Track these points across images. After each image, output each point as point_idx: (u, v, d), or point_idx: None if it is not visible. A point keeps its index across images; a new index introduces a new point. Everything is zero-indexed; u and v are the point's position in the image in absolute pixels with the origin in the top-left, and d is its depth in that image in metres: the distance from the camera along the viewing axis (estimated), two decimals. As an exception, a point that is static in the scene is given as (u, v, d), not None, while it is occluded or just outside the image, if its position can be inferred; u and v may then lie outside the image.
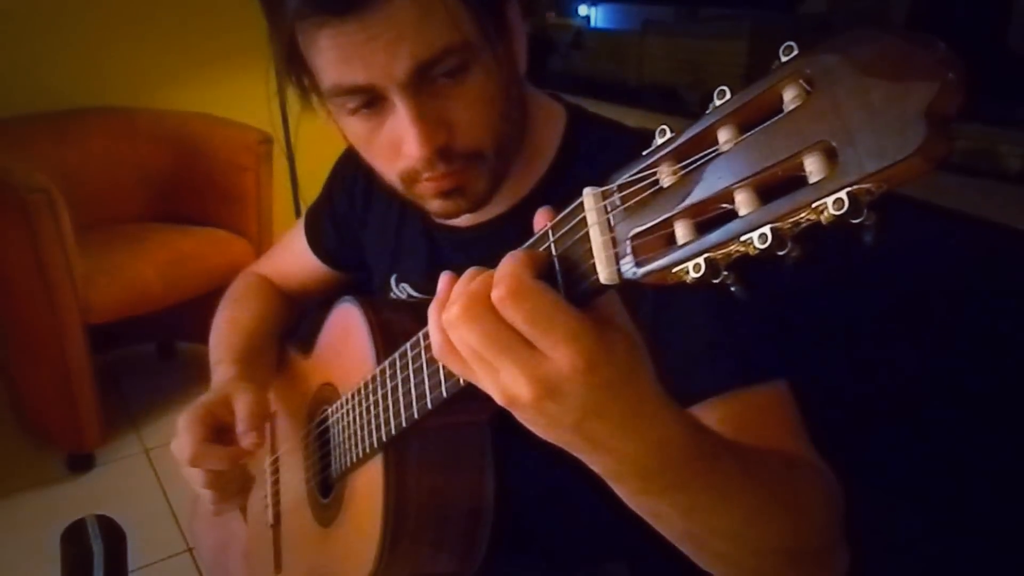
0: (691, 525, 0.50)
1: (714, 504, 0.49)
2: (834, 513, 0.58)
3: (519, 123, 0.73)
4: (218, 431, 0.82)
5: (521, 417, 0.44)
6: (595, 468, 0.46)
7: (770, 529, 0.52)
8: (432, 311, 0.46)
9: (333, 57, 0.61)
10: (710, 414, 0.60)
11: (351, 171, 0.97)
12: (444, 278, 0.46)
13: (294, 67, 0.67)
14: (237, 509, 0.95)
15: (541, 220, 0.44)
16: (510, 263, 0.41)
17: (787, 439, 0.62)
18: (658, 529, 0.51)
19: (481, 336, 0.41)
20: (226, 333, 0.99)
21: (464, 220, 0.80)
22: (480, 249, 0.47)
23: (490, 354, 0.41)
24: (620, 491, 0.48)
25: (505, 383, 0.42)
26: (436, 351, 0.46)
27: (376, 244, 0.94)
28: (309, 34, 0.62)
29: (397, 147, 0.66)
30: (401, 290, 0.88)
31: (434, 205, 0.71)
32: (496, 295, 0.40)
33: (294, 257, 1.08)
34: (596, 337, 0.40)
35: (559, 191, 0.42)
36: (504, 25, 0.68)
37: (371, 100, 0.64)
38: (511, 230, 0.47)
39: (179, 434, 0.81)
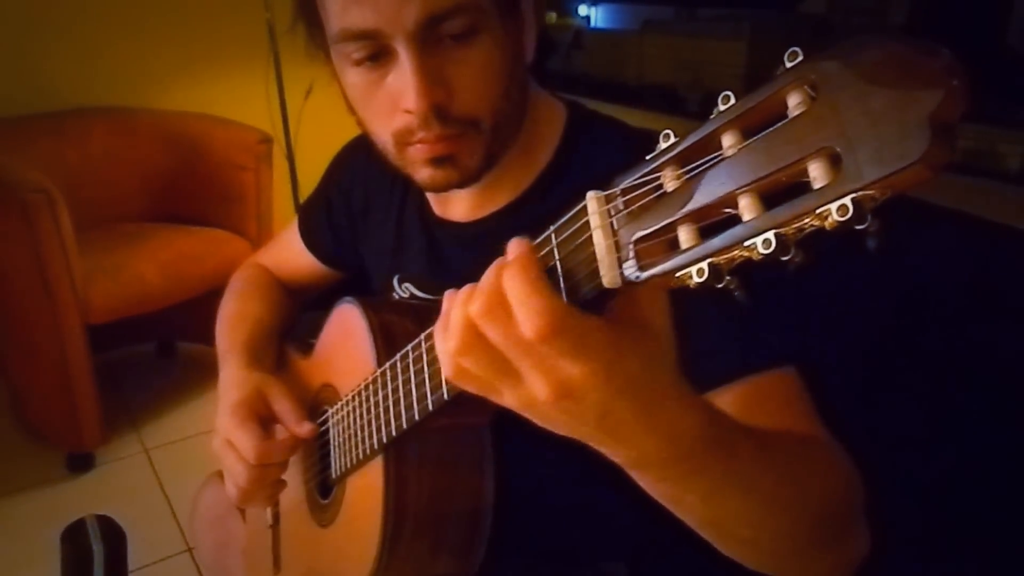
0: (713, 511, 0.50)
1: (735, 489, 0.49)
2: (852, 491, 0.57)
3: (519, 105, 0.73)
4: (262, 426, 0.83)
5: (539, 418, 0.44)
6: (615, 459, 0.46)
7: (791, 510, 0.52)
8: (438, 333, 0.46)
9: None
10: (721, 399, 0.60)
11: (347, 178, 0.97)
12: (448, 297, 0.46)
13: (306, 11, 0.67)
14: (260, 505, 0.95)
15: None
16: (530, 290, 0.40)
17: (801, 420, 0.62)
18: (680, 516, 0.51)
19: (504, 332, 0.41)
20: (233, 325, 1.00)
21: (463, 215, 0.80)
22: (480, 244, 0.47)
23: (515, 360, 0.41)
24: (640, 479, 0.48)
25: (526, 389, 0.42)
26: (449, 372, 0.45)
27: (376, 249, 0.94)
28: None
29: (395, 103, 0.66)
30: (404, 289, 0.88)
31: (423, 174, 0.70)
32: (528, 329, 0.39)
33: (291, 253, 1.08)
34: (612, 343, 0.40)
35: (558, 187, 0.42)
36: (517, 9, 0.69)
37: (376, 52, 0.64)
38: (510, 225, 0.47)
39: (232, 435, 0.81)
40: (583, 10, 3.18)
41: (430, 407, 0.59)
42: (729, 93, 0.33)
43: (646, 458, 0.45)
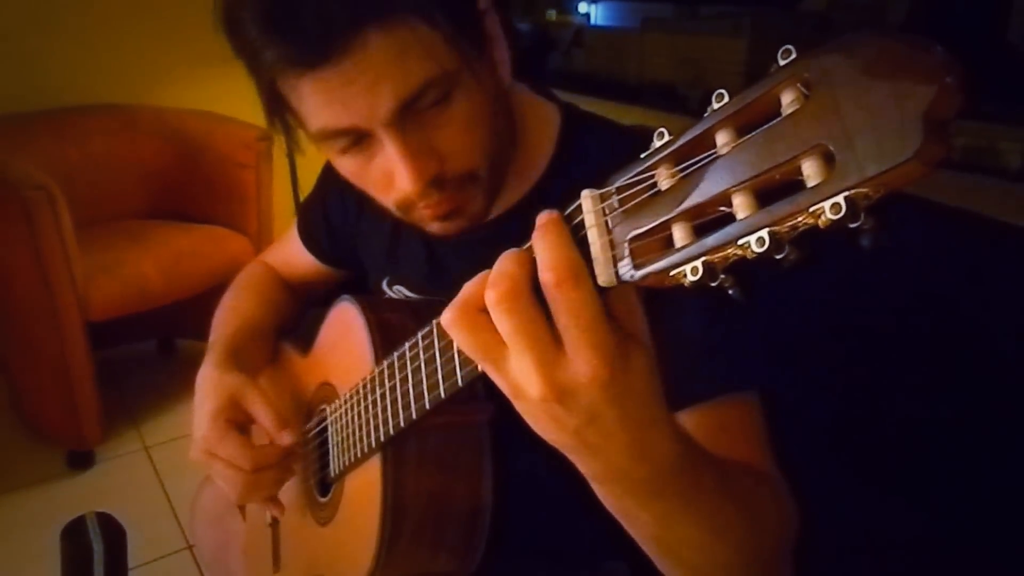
0: (664, 532, 0.51)
1: (690, 514, 0.49)
2: (789, 531, 0.59)
3: (509, 134, 0.73)
4: (242, 431, 0.82)
5: (523, 411, 0.44)
6: (581, 468, 0.46)
7: (736, 542, 0.53)
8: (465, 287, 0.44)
9: (315, 103, 0.61)
10: (684, 420, 0.61)
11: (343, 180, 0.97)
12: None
13: (278, 111, 0.66)
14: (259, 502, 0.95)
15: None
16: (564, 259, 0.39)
17: (755, 453, 0.63)
18: (628, 530, 0.52)
19: (516, 322, 0.40)
20: (221, 320, 0.99)
21: None
22: (479, 251, 0.47)
23: (518, 343, 0.40)
24: (599, 491, 0.48)
25: (517, 376, 0.41)
26: (445, 320, 0.44)
27: (370, 249, 0.94)
28: (289, 83, 0.61)
29: (390, 179, 0.65)
30: (396, 292, 0.88)
31: (433, 227, 0.71)
32: (550, 279, 0.38)
33: (293, 252, 1.08)
34: (619, 350, 0.40)
35: (557, 192, 0.42)
36: (483, 38, 0.67)
37: (359, 138, 0.64)
38: (510, 232, 0.46)
39: (216, 449, 0.80)
40: (583, 8, 3.17)
41: (428, 405, 0.59)
42: (723, 91, 0.33)
43: (613, 474, 0.45)
